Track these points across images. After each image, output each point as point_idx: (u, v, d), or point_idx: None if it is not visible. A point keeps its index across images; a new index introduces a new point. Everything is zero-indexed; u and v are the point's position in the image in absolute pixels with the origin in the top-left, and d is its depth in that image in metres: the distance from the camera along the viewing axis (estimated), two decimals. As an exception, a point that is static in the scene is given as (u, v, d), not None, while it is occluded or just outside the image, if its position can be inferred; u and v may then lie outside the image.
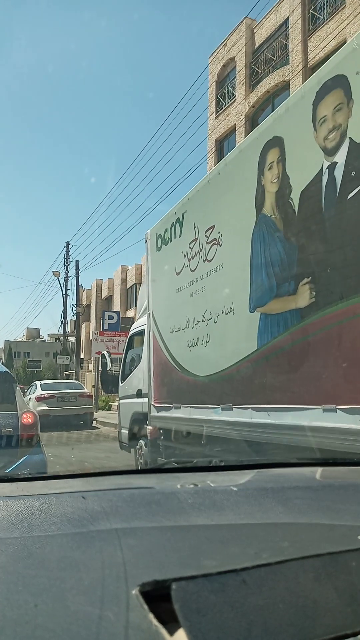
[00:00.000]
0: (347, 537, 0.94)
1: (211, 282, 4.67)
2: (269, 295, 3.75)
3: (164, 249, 5.81)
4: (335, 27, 15.88)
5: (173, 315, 5.49)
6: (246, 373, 4.00)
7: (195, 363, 4.97)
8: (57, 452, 9.35)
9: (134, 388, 6.83)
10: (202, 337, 4.79)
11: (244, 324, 4.08)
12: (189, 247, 5.11)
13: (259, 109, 20.19)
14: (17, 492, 1.31)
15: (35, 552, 0.88)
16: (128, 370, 7.39)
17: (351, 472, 1.74)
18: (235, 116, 21.17)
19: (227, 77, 22.70)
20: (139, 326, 7.11)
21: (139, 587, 0.73)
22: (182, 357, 5.25)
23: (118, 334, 20.00)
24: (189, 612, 0.68)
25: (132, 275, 31.76)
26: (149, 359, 6.07)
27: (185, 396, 5.14)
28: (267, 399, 3.73)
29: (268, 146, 3.86)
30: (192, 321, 4.99)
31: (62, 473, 1.75)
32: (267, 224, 3.84)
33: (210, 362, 4.65)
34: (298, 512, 1.14)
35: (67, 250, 25.35)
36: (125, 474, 1.69)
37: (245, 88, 20.66)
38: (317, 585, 0.77)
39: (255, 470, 1.63)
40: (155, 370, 5.91)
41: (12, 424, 4.86)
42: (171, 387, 5.50)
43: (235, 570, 0.77)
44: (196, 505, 1.16)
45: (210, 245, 4.70)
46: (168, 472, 1.74)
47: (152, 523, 1.03)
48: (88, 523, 1.01)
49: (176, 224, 5.45)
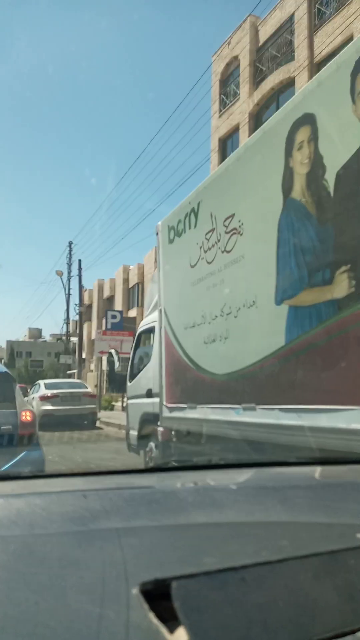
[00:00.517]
0: (346, 536, 0.94)
1: (231, 274, 4.39)
2: (299, 286, 3.47)
3: (177, 241, 5.53)
4: (342, 22, 15.62)
5: (187, 310, 5.21)
6: (272, 371, 3.71)
7: (212, 361, 4.68)
8: (61, 453, 9.07)
9: (144, 387, 6.55)
10: (220, 333, 4.50)
11: (268, 318, 3.80)
12: (205, 238, 4.83)
13: (264, 107, 19.94)
14: (18, 491, 1.29)
15: (36, 550, 0.87)
16: (136, 369, 7.10)
17: (350, 471, 1.74)
18: (239, 115, 20.92)
19: (231, 75, 22.45)
20: (148, 323, 6.82)
21: (140, 586, 0.72)
22: (197, 355, 4.96)
23: (121, 333, 19.75)
24: (189, 610, 0.68)
25: (134, 274, 31.48)
26: (161, 357, 5.78)
27: (201, 396, 4.85)
28: (297, 399, 3.45)
29: (297, 125, 3.58)
30: (209, 316, 4.71)
31: (63, 472, 1.77)
32: (296, 209, 3.55)
33: (229, 359, 4.37)
34: (297, 510, 1.15)
35: (70, 250, 25.08)
36: (126, 473, 1.67)
37: (249, 86, 20.41)
38: (316, 583, 0.77)
39: (255, 469, 1.64)
40: (168, 368, 5.62)
41: (12, 422, 5.03)
42: (185, 387, 5.21)
43: (235, 569, 0.77)
44: (196, 504, 1.17)
45: (229, 235, 4.42)
46: (168, 471, 1.73)
47: (153, 522, 1.03)
48: (89, 522, 1.01)
49: (191, 214, 5.17)
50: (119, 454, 8.74)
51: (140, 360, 6.97)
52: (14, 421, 5.10)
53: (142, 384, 6.67)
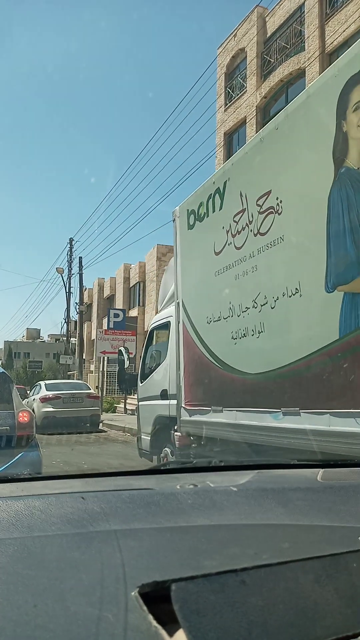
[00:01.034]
0: (347, 539, 0.93)
1: (266, 259, 3.85)
2: (357, 269, 2.94)
3: (197, 226, 4.99)
4: (355, 10, 15.12)
5: (211, 302, 4.67)
6: (321, 369, 3.18)
7: (242, 358, 4.14)
8: (66, 458, 8.52)
9: (158, 388, 6.00)
10: (253, 326, 3.96)
11: (317, 307, 3.27)
12: (234, 221, 4.29)
13: (272, 99, 19.44)
14: (17, 493, 1.30)
15: (34, 552, 0.87)
16: (148, 368, 6.56)
17: (352, 473, 1.74)
18: (246, 108, 20.41)
19: (237, 68, 21.95)
20: (162, 319, 6.28)
21: (139, 589, 0.72)
22: (223, 352, 4.42)
23: (124, 332, 19.19)
24: (188, 612, 0.67)
25: (135, 273, 30.92)
26: (178, 355, 5.25)
27: (228, 398, 4.32)
28: (354, 401, 2.92)
29: (352, 83, 3.05)
30: (238, 308, 4.17)
31: (62, 473, 1.74)
32: (352, 179, 3.02)
33: (264, 356, 3.84)
34: (298, 513, 1.13)
35: (71, 247, 24.51)
36: (124, 475, 1.66)
37: (256, 79, 19.91)
38: (317, 586, 0.76)
39: (255, 471, 1.62)
40: (187, 367, 5.08)
41: (9, 423, 4.98)
42: (209, 387, 4.67)
43: (235, 571, 0.77)
44: (196, 506, 1.15)
45: (264, 215, 3.88)
46: (167, 473, 1.70)
47: (152, 524, 1.01)
48: (87, 524, 1.00)
49: (215, 196, 4.63)
50: (128, 459, 8.21)
51: (153, 359, 6.43)
52: (11, 422, 5.03)
53: (155, 385, 6.13)
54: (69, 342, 26.32)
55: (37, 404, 13.54)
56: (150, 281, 28.65)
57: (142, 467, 2.21)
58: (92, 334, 37.20)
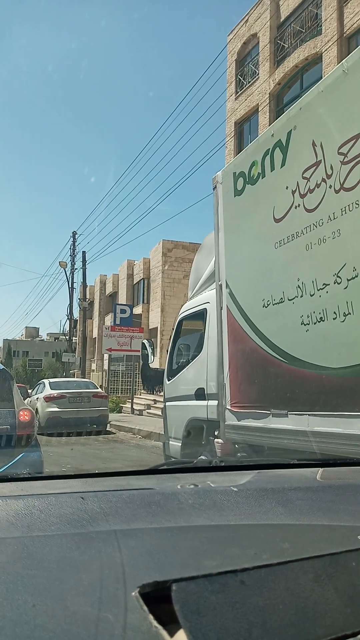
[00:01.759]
0: (347, 538, 0.93)
1: (355, 220, 3.00)
2: None
3: (249, 191, 4.13)
4: (378, -11, 14.29)
5: (268, 281, 3.81)
6: None
7: (317, 349, 3.29)
8: (77, 464, 7.65)
9: (191, 387, 5.14)
10: (335, 307, 3.11)
11: None
12: (303, 178, 3.43)
13: (286, 86, 18.60)
14: (17, 492, 1.28)
15: (34, 552, 0.87)
16: (177, 364, 5.69)
17: (351, 472, 1.74)
18: (258, 95, 19.59)
19: (249, 55, 21.14)
20: (195, 306, 5.41)
21: (139, 589, 0.72)
22: (288, 342, 3.57)
23: (130, 329, 18.34)
24: (189, 612, 0.67)
25: (139, 270, 30.06)
26: (221, 347, 4.39)
27: (296, 399, 3.46)
28: None
29: None
30: (312, 285, 3.31)
31: (62, 473, 1.72)
32: None
33: (352, 345, 2.98)
34: (298, 513, 1.13)
35: (74, 241, 23.61)
36: (124, 475, 1.63)
37: (269, 65, 19.10)
38: (317, 586, 0.76)
39: (256, 471, 1.62)
40: (234, 362, 4.23)
41: (9, 422, 4.79)
42: (267, 386, 3.81)
43: (235, 571, 0.77)
44: (196, 506, 1.15)
45: (350, 166, 3.03)
46: (168, 473, 1.68)
47: (152, 524, 1.01)
48: (87, 524, 1.00)
49: (275, 151, 3.77)
50: (146, 465, 7.37)
51: (184, 354, 5.57)
52: (12, 421, 4.80)
53: (188, 383, 5.27)
54: (71, 339, 25.40)
55: (41, 403, 12.66)
56: (155, 277, 27.80)
57: (143, 467, 1.76)
58: (94, 332, 36.35)
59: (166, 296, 26.73)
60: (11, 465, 4.48)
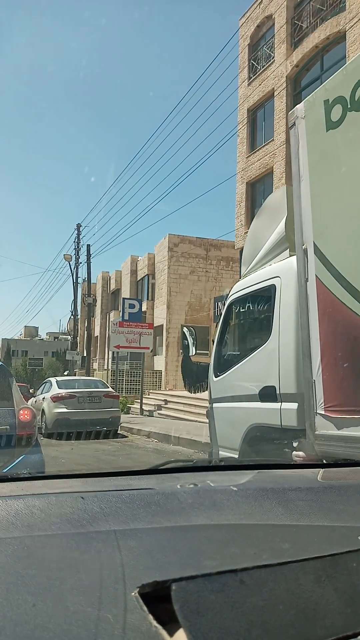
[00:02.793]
0: (347, 538, 0.93)
1: None
2: None
3: (350, 120, 3.09)
4: None
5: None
6: None
7: None
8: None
9: (253, 384, 4.10)
10: None
11: None
12: None
13: (304, 68, 17.60)
14: (17, 492, 1.29)
15: (34, 551, 0.87)
16: (228, 357, 4.64)
17: (352, 473, 1.72)
18: (274, 80, 18.61)
19: (263, 38, 20.16)
20: (255, 284, 4.37)
21: (139, 588, 0.72)
22: None
23: (140, 325, 17.26)
24: (188, 612, 0.67)
25: (143, 265, 29.02)
26: (308, 331, 3.35)
27: None
28: None
29: None
30: None
31: (62, 473, 1.73)
32: None
33: None
34: (298, 513, 1.12)
35: (79, 234, 22.50)
36: (124, 475, 1.62)
37: (286, 47, 18.12)
38: (317, 586, 0.76)
39: (256, 471, 1.61)
40: (330, 350, 3.20)
41: (9, 422, 4.58)
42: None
43: (235, 571, 0.77)
44: (196, 505, 1.14)
45: None
46: (168, 473, 1.66)
47: (152, 524, 1.01)
48: (87, 524, 1.00)
49: None
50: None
51: (239, 343, 4.52)
52: (11, 421, 4.58)
53: (247, 379, 4.23)
54: (76, 337, 24.30)
55: (47, 403, 11.60)
56: (161, 273, 26.76)
57: (143, 467, 1.73)
58: (96, 331, 35.27)
59: (172, 292, 25.71)
60: (12, 468, 4.30)
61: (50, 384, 12.30)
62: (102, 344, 37.13)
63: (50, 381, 12.61)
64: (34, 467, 4.72)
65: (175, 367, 24.86)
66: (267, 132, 19.20)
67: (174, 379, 24.55)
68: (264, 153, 18.93)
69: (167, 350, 24.93)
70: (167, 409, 16.67)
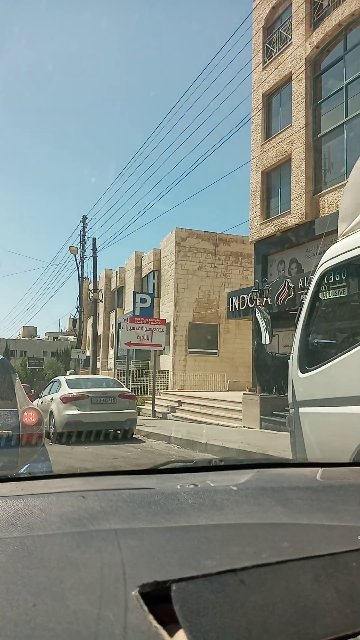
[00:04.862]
0: (347, 538, 0.93)
1: None
2: None
3: None
4: None
5: None
6: None
7: None
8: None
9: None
10: None
11: None
12: None
13: (325, 49, 16.58)
14: (17, 492, 1.29)
15: (34, 551, 0.87)
16: (322, 345, 3.57)
17: (351, 472, 1.72)
18: (291, 62, 17.62)
19: (279, 19, 19.16)
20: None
21: (139, 588, 0.72)
22: None
23: (152, 320, 16.19)
24: (188, 612, 0.67)
25: (148, 261, 27.98)
26: None
27: None
28: None
29: None
30: None
31: (62, 472, 1.72)
32: None
33: None
34: (298, 512, 1.13)
35: (84, 226, 21.41)
36: (125, 474, 1.64)
37: (305, 27, 17.14)
38: (317, 585, 0.76)
39: (255, 470, 1.61)
40: None
41: (12, 424, 4.05)
42: None
43: (235, 570, 0.77)
44: (196, 505, 1.14)
45: None
46: (168, 473, 1.64)
47: (152, 523, 1.01)
48: (88, 523, 1.00)
49: None
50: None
51: (341, 328, 3.44)
52: (14, 423, 4.03)
53: (352, 376, 3.15)
54: (81, 334, 23.21)
55: (57, 404, 10.54)
56: (167, 269, 25.70)
57: (143, 467, 1.59)
58: (99, 330, 34.23)
59: (179, 289, 24.64)
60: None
61: (59, 384, 11.21)
62: (105, 343, 36.06)
63: (59, 380, 11.52)
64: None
65: (182, 366, 23.82)
66: (284, 118, 18.18)
67: (182, 379, 23.50)
68: (281, 139, 17.91)
69: (175, 349, 23.88)
70: (181, 410, 15.62)
